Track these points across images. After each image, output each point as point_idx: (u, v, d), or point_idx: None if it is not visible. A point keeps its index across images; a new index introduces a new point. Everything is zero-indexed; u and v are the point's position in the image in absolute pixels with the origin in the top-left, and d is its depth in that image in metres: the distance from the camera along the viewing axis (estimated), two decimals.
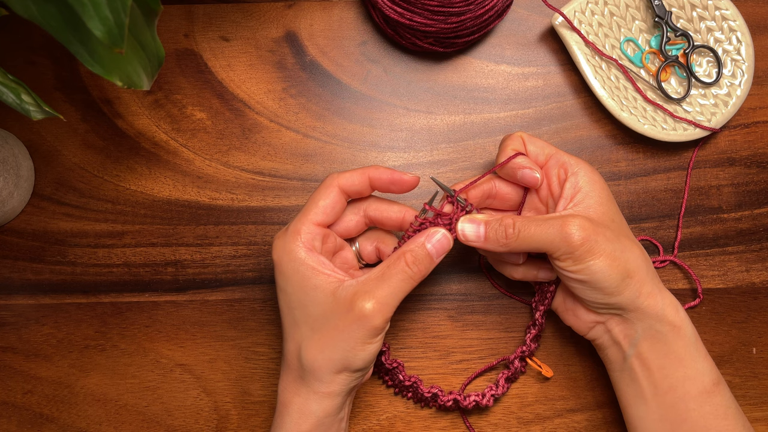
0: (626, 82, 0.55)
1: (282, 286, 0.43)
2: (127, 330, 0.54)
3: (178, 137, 0.56)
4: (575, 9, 0.54)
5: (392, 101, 0.56)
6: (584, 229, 0.42)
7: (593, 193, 0.45)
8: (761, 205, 0.55)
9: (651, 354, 0.44)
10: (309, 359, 0.42)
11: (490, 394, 0.50)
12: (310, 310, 0.42)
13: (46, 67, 0.56)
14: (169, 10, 0.56)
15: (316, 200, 0.44)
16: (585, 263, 0.43)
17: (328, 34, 0.57)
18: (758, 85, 0.56)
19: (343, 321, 0.41)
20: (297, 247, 0.42)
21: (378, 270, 0.42)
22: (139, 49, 0.40)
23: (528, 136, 0.48)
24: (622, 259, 0.43)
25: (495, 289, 0.54)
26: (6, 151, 0.52)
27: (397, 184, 0.45)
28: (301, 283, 0.42)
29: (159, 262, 0.54)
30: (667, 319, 0.44)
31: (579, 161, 0.46)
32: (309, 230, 0.43)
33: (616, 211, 0.46)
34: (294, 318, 0.43)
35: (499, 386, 0.51)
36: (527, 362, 0.52)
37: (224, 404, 0.53)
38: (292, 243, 0.42)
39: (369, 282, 0.42)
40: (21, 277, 0.54)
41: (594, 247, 0.42)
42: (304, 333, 0.42)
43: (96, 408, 0.53)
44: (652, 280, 0.45)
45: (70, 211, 0.55)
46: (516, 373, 0.52)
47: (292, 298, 0.43)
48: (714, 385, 0.44)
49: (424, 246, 0.43)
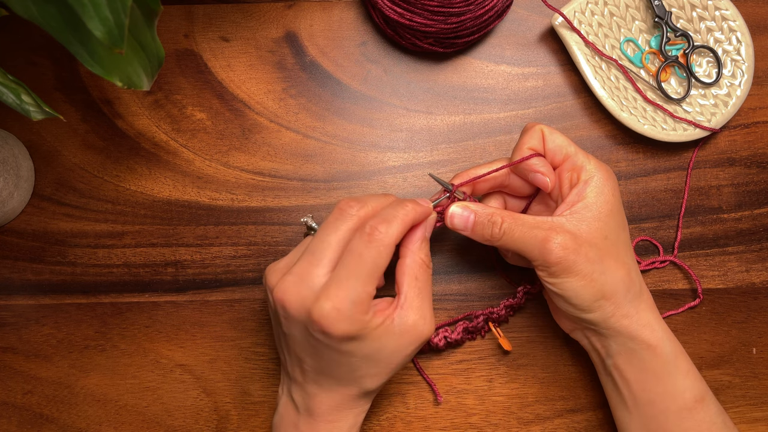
0: (626, 82, 0.55)
1: (346, 350, 0.40)
2: (127, 330, 0.54)
3: (178, 137, 0.56)
4: (575, 9, 0.54)
5: (392, 101, 0.56)
6: (564, 248, 0.42)
7: (594, 206, 0.43)
8: (761, 205, 0.55)
9: (627, 368, 0.44)
10: (375, 386, 0.43)
11: (443, 335, 0.51)
12: (377, 356, 0.41)
13: (46, 68, 0.56)
14: (169, 11, 0.56)
15: (378, 266, 0.40)
16: (559, 279, 0.42)
17: (328, 35, 0.57)
18: (758, 85, 0.56)
19: (405, 344, 0.42)
20: (366, 318, 0.40)
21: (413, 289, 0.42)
22: (139, 49, 0.40)
23: (549, 130, 0.46)
24: (599, 282, 0.42)
25: (495, 290, 0.54)
26: (6, 151, 0.52)
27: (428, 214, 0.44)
28: (370, 343, 0.41)
29: (159, 262, 0.54)
30: (641, 339, 0.44)
31: (597, 167, 0.44)
32: (369, 297, 0.40)
33: (613, 228, 0.44)
34: (352, 366, 0.41)
35: (455, 332, 0.51)
36: (490, 327, 0.52)
37: (224, 404, 0.53)
38: (361, 315, 0.39)
39: (414, 305, 0.41)
40: (21, 278, 0.54)
41: (571, 267, 0.42)
42: (369, 372, 0.42)
43: (96, 408, 0.53)
44: (632, 302, 0.44)
45: (70, 212, 0.55)
46: (476, 329, 0.52)
47: (355, 354, 0.41)
48: (696, 401, 0.44)
49: (425, 236, 0.44)
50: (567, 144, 0.45)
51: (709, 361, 0.53)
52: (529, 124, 0.46)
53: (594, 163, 0.45)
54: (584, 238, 0.42)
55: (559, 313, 0.49)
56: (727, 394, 0.53)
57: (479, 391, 0.53)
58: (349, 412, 0.44)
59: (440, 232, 0.54)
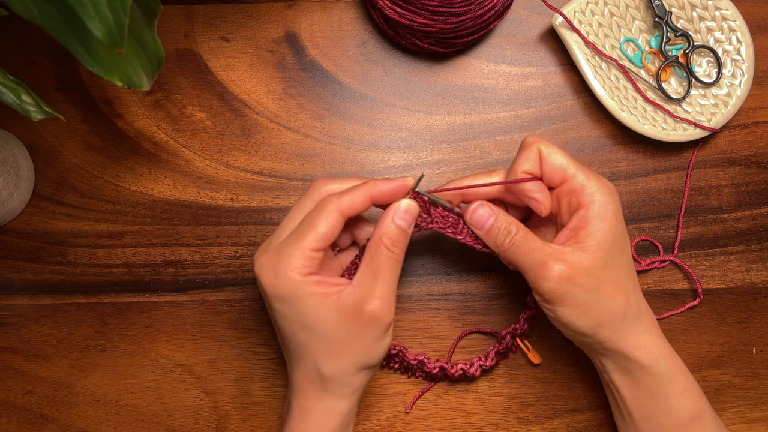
0: (626, 82, 0.55)
1: (280, 311, 0.41)
2: (127, 330, 0.54)
3: (178, 137, 0.56)
4: (575, 9, 0.54)
5: (392, 101, 0.56)
6: (558, 278, 0.41)
7: (598, 234, 0.42)
8: (761, 205, 0.55)
9: (623, 384, 0.45)
10: (331, 371, 0.42)
11: (478, 364, 0.51)
12: (316, 330, 0.41)
13: (46, 67, 0.56)
14: (169, 10, 0.56)
15: (314, 225, 0.41)
16: (553, 306, 0.42)
17: (328, 35, 0.57)
18: (758, 85, 0.56)
19: (355, 327, 0.41)
20: (291, 273, 0.40)
21: (365, 267, 0.42)
22: (139, 49, 0.40)
23: (547, 149, 0.43)
24: (595, 310, 0.42)
25: (495, 290, 0.54)
26: (6, 151, 0.52)
27: (401, 191, 0.43)
28: (301, 307, 0.41)
29: (159, 262, 0.54)
30: (636, 360, 0.43)
31: (598, 187, 0.43)
32: (303, 256, 0.40)
33: (615, 254, 0.43)
34: (300, 339, 0.42)
35: (488, 358, 0.51)
36: (518, 343, 0.52)
37: (224, 404, 0.53)
38: (286, 268, 0.40)
39: (364, 283, 0.41)
40: (21, 278, 0.54)
41: (564, 297, 0.42)
42: (316, 350, 0.42)
43: (96, 408, 0.53)
44: (629, 326, 0.43)
45: (70, 212, 0.55)
46: (507, 349, 0.52)
47: (294, 321, 0.41)
48: (692, 419, 0.44)
49: (394, 222, 0.42)
50: (566, 164, 0.43)
51: (709, 361, 0.53)
52: (526, 141, 0.44)
53: (594, 182, 0.43)
54: (584, 268, 0.42)
55: None
56: (727, 394, 0.53)
57: (479, 391, 0.53)
58: (317, 404, 0.43)
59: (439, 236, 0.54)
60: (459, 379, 0.52)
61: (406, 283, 0.54)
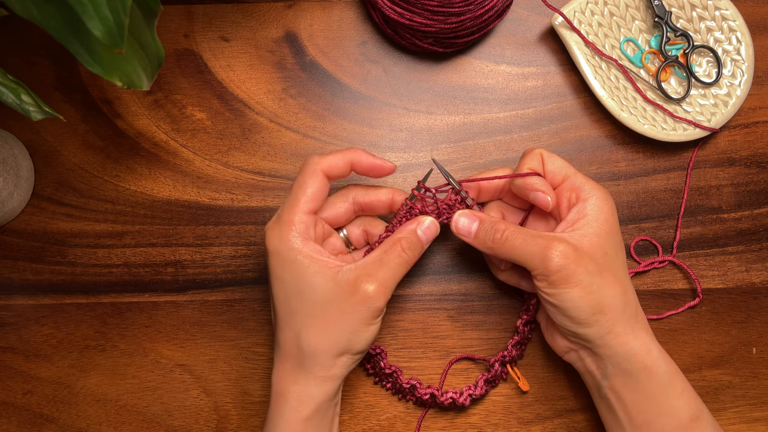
0: (626, 82, 0.55)
1: (279, 274, 0.43)
2: (127, 330, 0.54)
3: (178, 137, 0.56)
4: (575, 9, 0.54)
5: (392, 101, 0.56)
6: (565, 256, 0.42)
7: (595, 223, 0.44)
8: (761, 205, 0.55)
9: (623, 389, 0.44)
10: (311, 344, 0.42)
11: (468, 393, 0.51)
12: (309, 297, 0.42)
13: (46, 67, 0.56)
14: (169, 10, 0.56)
15: (303, 188, 0.44)
16: (558, 289, 0.43)
17: (328, 34, 0.57)
18: (758, 85, 0.56)
19: (347, 303, 0.42)
20: (293, 237, 0.43)
21: (376, 254, 0.44)
22: (139, 49, 0.40)
23: (548, 154, 0.47)
24: (598, 294, 0.43)
25: (495, 290, 0.54)
26: (6, 151, 0.52)
27: (377, 170, 0.46)
28: (299, 271, 0.43)
29: (159, 262, 0.54)
30: (637, 360, 0.44)
31: (594, 187, 0.46)
32: (302, 219, 0.44)
33: (612, 245, 0.45)
34: (290, 306, 0.43)
35: (477, 387, 0.51)
36: (508, 370, 0.52)
37: (224, 404, 0.53)
38: (287, 232, 0.43)
39: (369, 265, 0.43)
40: (21, 278, 0.54)
41: (570, 276, 0.42)
42: (303, 319, 0.43)
43: (96, 408, 0.53)
44: (628, 321, 0.44)
45: (70, 212, 0.55)
46: (496, 377, 0.51)
47: (290, 285, 0.43)
48: (691, 420, 0.44)
49: (416, 232, 0.45)
50: (566, 166, 0.47)
51: (709, 361, 0.53)
52: (528, 149, 0.48)
53: (591, 184, 0.46)
54: (585, 251, 0.43)
55: (553, 334, 0.48)
56: (727, 394, 0.53)
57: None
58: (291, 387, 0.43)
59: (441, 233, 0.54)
60: (448, 407, 0.52)
61: (406, 283, 0.54)
